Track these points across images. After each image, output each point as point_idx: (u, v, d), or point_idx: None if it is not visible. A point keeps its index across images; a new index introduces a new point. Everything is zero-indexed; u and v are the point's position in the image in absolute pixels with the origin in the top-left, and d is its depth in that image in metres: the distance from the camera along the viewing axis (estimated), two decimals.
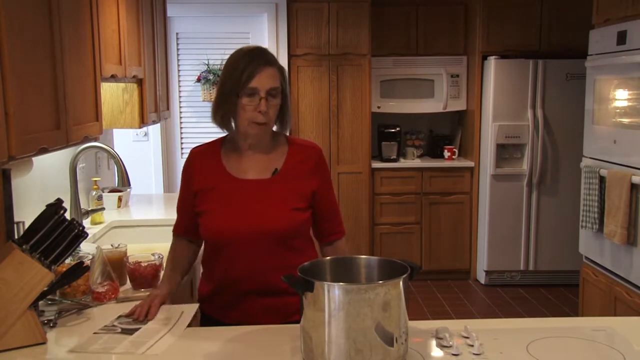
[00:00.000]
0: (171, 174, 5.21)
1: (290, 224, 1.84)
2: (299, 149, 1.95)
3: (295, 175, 1.90)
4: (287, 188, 1.88)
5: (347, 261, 1.58)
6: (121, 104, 2.98)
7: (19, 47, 1.58)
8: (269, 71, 1.82)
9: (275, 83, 1.83)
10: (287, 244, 1.85)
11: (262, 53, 1.86)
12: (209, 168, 1.92)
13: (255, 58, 1.83)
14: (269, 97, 1.82)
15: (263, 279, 1.84)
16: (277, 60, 1.88)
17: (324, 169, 1.97)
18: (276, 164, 1.90)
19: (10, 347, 1.55)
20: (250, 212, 1.84)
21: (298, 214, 1.86)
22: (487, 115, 5.00)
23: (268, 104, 1.81)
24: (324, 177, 1.96)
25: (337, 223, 2.01)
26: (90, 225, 2.92)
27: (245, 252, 1.83)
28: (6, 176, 1.94)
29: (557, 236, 5.00)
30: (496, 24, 4.98)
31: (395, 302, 1.37)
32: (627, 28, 3.31)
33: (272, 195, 1.86)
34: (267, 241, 1.82)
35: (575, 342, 1.59)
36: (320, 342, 1.37)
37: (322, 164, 1.97)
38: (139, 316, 1.75)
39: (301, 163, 1.92)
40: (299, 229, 1.88)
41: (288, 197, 1.87)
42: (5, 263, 1.59)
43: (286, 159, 1.91)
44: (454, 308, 4.68)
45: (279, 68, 1.87)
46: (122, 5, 2.64)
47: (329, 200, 1.98)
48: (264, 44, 5.02)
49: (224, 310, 1.90)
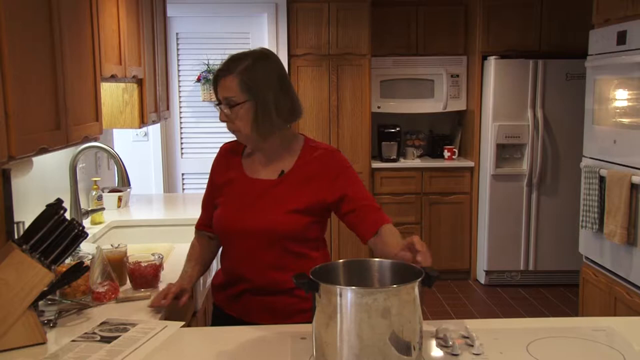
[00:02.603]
0: (171, 174, 5.21)
1: (284, 226, 1.82)
2: (310, 152, 1.90)
3: (302, 178, 1.87)
4: (291, 190, 1.86)
5: (362, 264, 1.54)
6: (121, 104, 2.98)
7: (19, 47, 1.58)
8: (225, 81, 1.80)
9: (229, 93, 1.80)
10: (284, 246, 1.84)
11: (225, 62, 1.83)
12: (230, 164, 1.96)
13: (220, 67, 1.83)
14: (228, 107, 1.81)
15: (261, 278, 1.85)
16: (238, 67, 1.80)
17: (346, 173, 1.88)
18: (284, 165, 1.90)
19: (10, 347, 1.55)
20: (249, 210, 1.86)
21: (296, 217, 1.83)
22: (487, 115, 5.00)
23: (227, 115, 1.82)
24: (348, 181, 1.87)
25: (376, 218, 1.87)
26: (90, 225, 2.92)
27: (245, 249, 1.87)
28: (6, 176, 1.94)
29: (557, 236, 5.00)
30: (496, 24, 4.98)
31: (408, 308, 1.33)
32: (627, 28, 3.31)
33: (273, 196, 1.86)
34: (263, 241, 1.84)
35: (575, 342, 1.59)
36: (328, 343, 1.35)
37: (342, 169, 1.88)
38: (153, 304, 1.86)
39: (309, 165, 1.88)
40: (295, 232, 1.84)
41: (289, 199, 1.85)
42: (5, 263, 1.59)
43: (296, 161, 1.89)
44: (454, 308, 4.68)
45: (240, 76, 1.79)
46: (122, 5, 2.64)
47: (362, 199, 1.87)
48: (264, 44, 5.03)
49: (228, 301, 1.94)
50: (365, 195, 1.90)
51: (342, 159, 1.92)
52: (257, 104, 1.80)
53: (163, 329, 1.68)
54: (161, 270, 2.09)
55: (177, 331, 1.68)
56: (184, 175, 5.21)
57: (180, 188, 5.22)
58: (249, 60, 1.81)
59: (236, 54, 1.86)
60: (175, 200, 4.06)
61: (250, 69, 1.80)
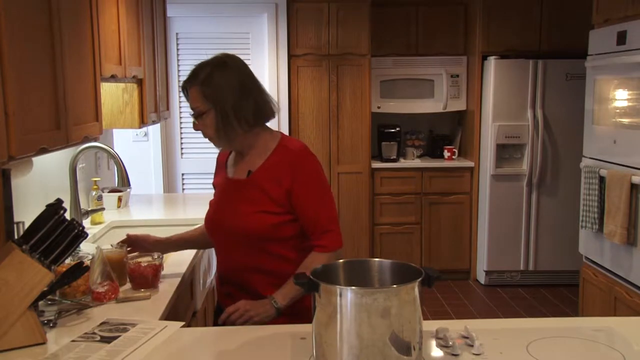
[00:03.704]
0: (171, 174, 5.21)
1: (255, 226, 1.86)
2: (280, 151, 1.92)
3: (269, 177, 1.89)
4: (260, 190, 1.89)
5: (362, 264, 1.55)
6: (121, 104, 2.98)
7: (19, 47, 1.58)
8: (191, 92, 1.89)
9: (194, 103, 1.88)
10: (259, 247, 1.88)
11: (192, 72, 1.90)
12: (221, 164, 2.06)
13: (186, 79, 1.91)
14: (196, 116, 1.90)
15: (241, 278, 1.92)
16: (198, 78, 1.85)
17: (300, 172, 1.88)
18: (253, 165, 1.93)
19: (10, 347, 1.55)
20: (223, 211, 1.96)
21: (266, 216, 1.86)
22: (487, 115, 5.00)
23: (195, 123, 1.92)
24: (297, 180, 1.87)
25: (316, 233, 1.89)
26: (90, 225, 2.92)
27: (223, 249, 1.98)
28: (6, 176, 1.94)
29: (557, 236, 5.00)
30: (496, 24, 4.98)
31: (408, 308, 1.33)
32: (627, 28, 3.31)
33: (245, 197, 1.91)
34: (238, 241, 1.90)
35: (575, 342, 1.59)
36: (328, 343, 1.35)
37: (297, 166, 1.88)
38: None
39: (276, 165, 1.90)
40: (267, 232, 1.87)
41: (258, 199, 1.88)
42: (5, 263, 1.59)
43: (264, 162, 1.91)
44: (454, 308, 4.68)
45: (200, 86, 1.85)
46: (122, 6, 2.64)
47: (305, 204, 1.87)
48: (264, 44, 5.03)
49: (223, 298, 2.02)
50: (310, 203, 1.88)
51: (300, 156, 1.90)
52: (217, 111, 1.86)
53: (163, 329, 1.68)
54: (161, 271, 2.09)
55: (177, 331, 1.68)
56: (184, 176, 5.21)
57: (180, 188, 5.22)
58: (207, 70, 1.87)
59: (199, 63, 1.92)
60: (175, 200, 4.06)
61: (208, 78, 1.86)
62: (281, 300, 1.83)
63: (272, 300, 1.83)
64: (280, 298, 1.83)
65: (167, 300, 1.94)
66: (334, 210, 1.93)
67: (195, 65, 1.91)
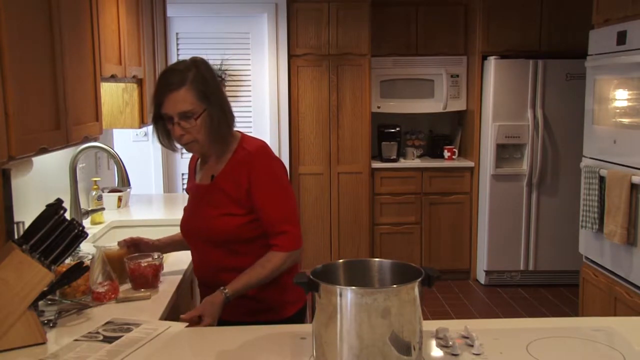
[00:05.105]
0: (171, 174, 5.21)
1: (221, 228, 1.88)
2: (239, 152, 1.91)
3: (229, 180, 1.89)
4: (222, 194, 1.90)
5: (362, 264, 1.55)
6: (121, 104, 2.98)
7: (19, 48, 1.58)
8: (175, 96, 1.79)
9: (185, 106, 1.80)
10: (229, 248, 1.90)
11: (167, 76, 1.82)
12: (191, 170, 2.08)
13: (161, 84, 1.82)
14: (183, 120, 1.81)
15: (213, 279, 1.92)
16: (187, 78, 1.79)
17: (255, 172, 1.86)
18: (216, 169, 1.93)
19: (10, 347, 1.55)
20: (193, 216, 1.99)
21: (230, 219, 1.88)
22: (487, 115, 5.00)
23: (184, 127, 1.82)
24: (252, 180, 1.85)
25: (272, 233, 1.87)
26: (90, 225, 2.92)
27: (196, 252, 2.01)
28: (6, 176, 1.94)
29: (557, 236, 5.00)
30: (496, 24, 4.98)
31: (408, 308, 1.33)
32: (627, 28, 3.31)
33: (209, 201, 1.92)
34: (208, 244, 1.93)
35: (575, 342, 1.59)
36: (328, 343, 1.35)
37: (252, 166, 1.86)
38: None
39: (235, 167, 1.89)
40: (234, 234, 1.88)
41: (222, 202, 1.89)
42: (5, 263, 1.59)
43: (225, 165, 1.91)
44: (454, 308, 4.68)
45: (194, 85, 1.79)
46: (122, 6, 2.64)
47: (259, 204, 1.86)
48: (264, 44, 5.03)
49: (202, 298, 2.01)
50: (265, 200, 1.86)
51: (257, 155, 1.89)
52: (214, 110, 1.83)
53: (166, 330, 1.69)
54: (161, 270, 2.09)
55: (178, 331, 1.68)
56: (184, 175, 5.21)
57: (180, 188, 5.22)
58: (193, 70, 1.82)
59: (171, 67, 1.88)
60: (175, 200, 4.06)
61: (200, 76, 1.81)
62: (230, 291, 1.83)
63: (224, 291, 1.83)
64: (230, 290, 1.83)
65: (167, 300, 1.94)
66: (290, 210, 1.90)
67: (165, 70, 1.87)
